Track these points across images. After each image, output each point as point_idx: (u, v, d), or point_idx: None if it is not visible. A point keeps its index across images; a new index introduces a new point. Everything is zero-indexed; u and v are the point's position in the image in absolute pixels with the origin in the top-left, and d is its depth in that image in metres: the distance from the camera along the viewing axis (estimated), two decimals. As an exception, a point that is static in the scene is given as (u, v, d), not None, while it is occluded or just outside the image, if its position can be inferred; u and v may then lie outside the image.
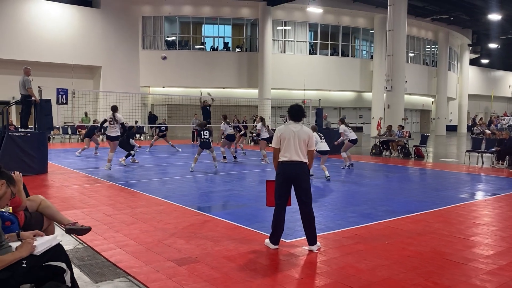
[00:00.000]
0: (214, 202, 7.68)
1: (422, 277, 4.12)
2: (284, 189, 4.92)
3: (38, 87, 11.56)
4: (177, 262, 4.46)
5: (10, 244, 2.95)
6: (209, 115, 15.39)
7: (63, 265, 3.03)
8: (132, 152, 12.99)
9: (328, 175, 10.10)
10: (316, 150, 9.77)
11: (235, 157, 14.46)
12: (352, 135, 12.52)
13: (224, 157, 13.90)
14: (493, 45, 38.46)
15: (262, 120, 15.05)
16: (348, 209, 7.09)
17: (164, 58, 15.44)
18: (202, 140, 11.48)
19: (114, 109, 11.50)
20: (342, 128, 12.69)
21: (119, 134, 11.50)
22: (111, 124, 11.39)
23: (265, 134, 14.37)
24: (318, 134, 10.24)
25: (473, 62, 43.55)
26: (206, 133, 11.40)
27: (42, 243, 3.00)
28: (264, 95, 27.70)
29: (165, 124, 19.32)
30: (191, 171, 11.26)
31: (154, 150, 17.56)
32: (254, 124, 18.86)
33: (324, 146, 10.23)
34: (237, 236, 5.46)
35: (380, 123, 31.81)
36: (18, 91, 11.59)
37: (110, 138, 11.42)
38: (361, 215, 6.68)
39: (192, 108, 23.09)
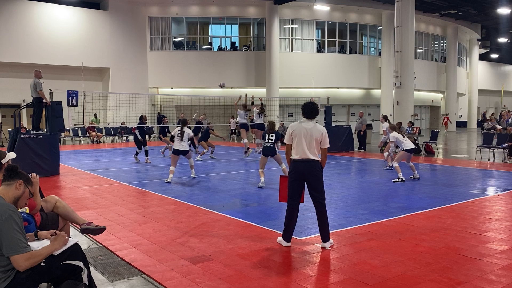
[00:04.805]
0: (225, 201, 7.70)
1: (437, 273, 4.10)
2: (297, 187, 4.93)
3: (49, 89, 11.67)
4: (191, 261, 4.49)
5: (28, 243, 2.99)
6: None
7: (81, 264, 3.07)
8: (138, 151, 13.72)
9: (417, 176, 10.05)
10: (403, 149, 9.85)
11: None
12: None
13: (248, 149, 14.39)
14: (502, 40, 38.04)
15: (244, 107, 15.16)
16: (359, 206, 7.08)
17: (222, 85, 15.71)
18: (266, 145, 9.11)
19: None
20: (385, 125, 13.00)
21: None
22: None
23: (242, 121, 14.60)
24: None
25: (482, 57, 43.12)
26: (272, 136, 9.13)
27: None
28: (272, 94, 27.69)
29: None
30: (260, 186, 8.90)
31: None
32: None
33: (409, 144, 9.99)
34: (249, 234, 5.48)
35: (448, 118, 32.08)
36: (29, 94, 11.71)
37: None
38: (373, 212, 6.67)
39: (200, 108, 23.13)
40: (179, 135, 9.92)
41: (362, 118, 18.13)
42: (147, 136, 13.57)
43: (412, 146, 9.92)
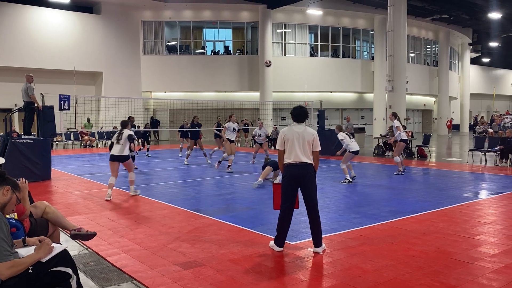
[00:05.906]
0: (217, 206, 7.67)
1: (428, 277, 4.10)
2: (290, 192, 4.91)
3: (41, 93, 11.60)
4: (183, 266, 4.46)
5: (16, 250, 2.96)
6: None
7: (69, 270, 3.04)
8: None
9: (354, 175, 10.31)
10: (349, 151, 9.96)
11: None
12: (354, 146, 10.29)
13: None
14: (493, 44, 38.43)
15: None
16: (352, 210, 7.08)
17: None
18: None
19: None
20: (396, 123, 11.83)
21: None
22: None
23: (231, 136, 13.21)
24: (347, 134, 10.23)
25: (474, 61, 43.49)
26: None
27: None
28: (265, 98, 27.73)
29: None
30: (255, 186, 9.51)
31: (155, 155, 17.56)
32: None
33: (355, 145, 10.13)
34: (242, 239, 5.45)
35: (451, 122, 32.47)
36: (20, 98, 11.63)
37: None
38: (365, 216, 6.67)
39: (193, 112, 23.06)
40: (118, 137, 8.62)
41: (348, 122, 18.22)
42: (139, 140, 13.26)
43: (358, 148, 10.18)
